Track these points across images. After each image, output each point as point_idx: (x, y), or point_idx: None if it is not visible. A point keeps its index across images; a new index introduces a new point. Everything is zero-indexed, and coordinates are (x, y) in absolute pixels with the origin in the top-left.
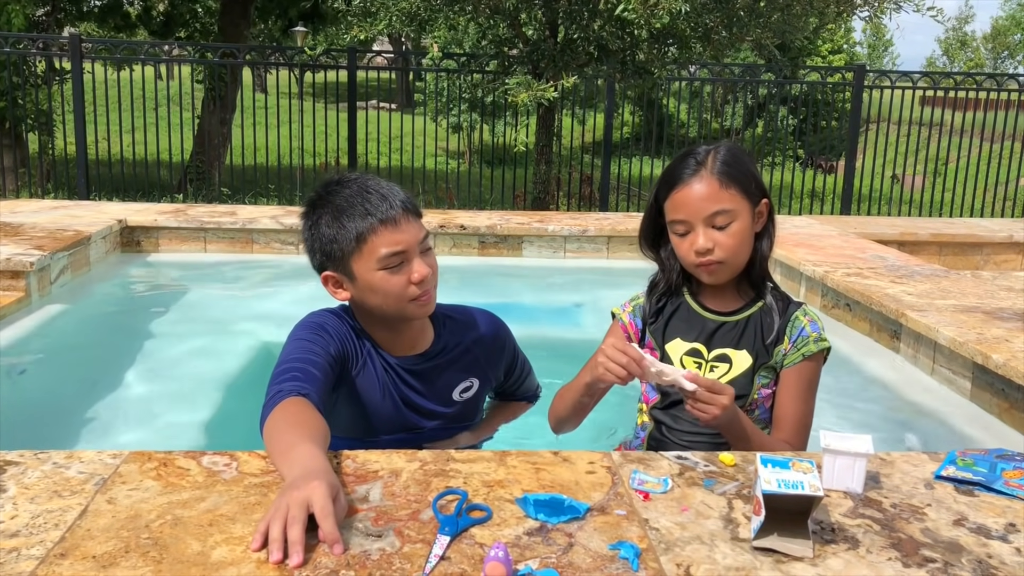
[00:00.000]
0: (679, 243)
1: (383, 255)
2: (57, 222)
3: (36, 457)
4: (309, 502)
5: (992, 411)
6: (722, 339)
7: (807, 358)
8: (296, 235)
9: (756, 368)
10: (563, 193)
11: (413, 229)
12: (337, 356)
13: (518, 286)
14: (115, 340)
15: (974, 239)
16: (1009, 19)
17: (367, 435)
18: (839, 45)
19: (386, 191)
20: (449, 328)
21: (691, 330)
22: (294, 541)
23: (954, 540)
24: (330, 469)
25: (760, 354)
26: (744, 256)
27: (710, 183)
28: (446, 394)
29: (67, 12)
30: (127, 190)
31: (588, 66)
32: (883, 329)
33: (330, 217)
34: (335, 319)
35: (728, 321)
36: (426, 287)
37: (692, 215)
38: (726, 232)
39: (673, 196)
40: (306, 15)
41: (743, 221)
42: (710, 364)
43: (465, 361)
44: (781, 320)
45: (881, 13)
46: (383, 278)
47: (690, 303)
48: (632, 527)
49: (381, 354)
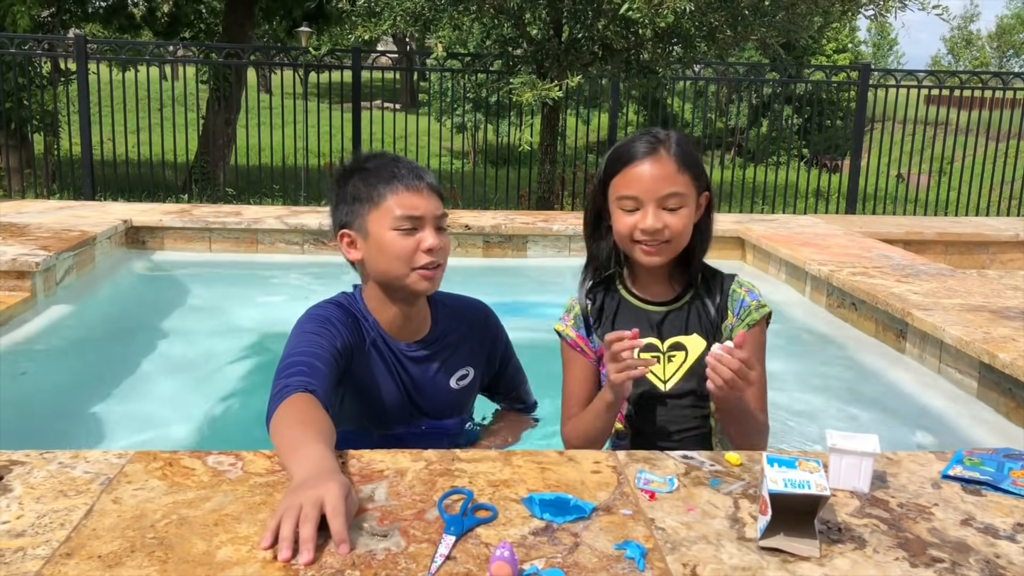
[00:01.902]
0: (622, 218)
1: (398, 215)
2: (62, 222)
3: (42, 457)
4: (322, 501)
5: (999, 410)
6: (671, 328)
7: (752, 326)
8: (301, 234)
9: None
10: (568, 193)
11: (434, 202)
12: (343, 349)
13: (523, 286)
14: (120, 340)
15: (980, 238)
16: (1015, 17)
17: (375, 424)
18: (844, 44)
19: (415, 166)
20: (444, 313)
21: (638, 325)
22: (306, 539)
23: (961, 540)
24: (339, 469)
25: (710, 334)
26: (685, 242)
27: (667, 164)
28: (444, 382)
29: (72, 13)
30: (132, 190)
31: (592, 65)
32: (889, 328)
33: (358, 177)
34: (340, 310)
35: (671, 309)
36: (434, 259)
37: (644, 193)
38: (676, 215)
39: (626, 171)
40: (310, 15)
41: (690, 207)
42: (667, 355)
43: (462, 350)
44: (720, 297)
45: (886, 11)
46: (393, 238)
47: (627, 298)
48: (638, 527)
49: (386, 340)
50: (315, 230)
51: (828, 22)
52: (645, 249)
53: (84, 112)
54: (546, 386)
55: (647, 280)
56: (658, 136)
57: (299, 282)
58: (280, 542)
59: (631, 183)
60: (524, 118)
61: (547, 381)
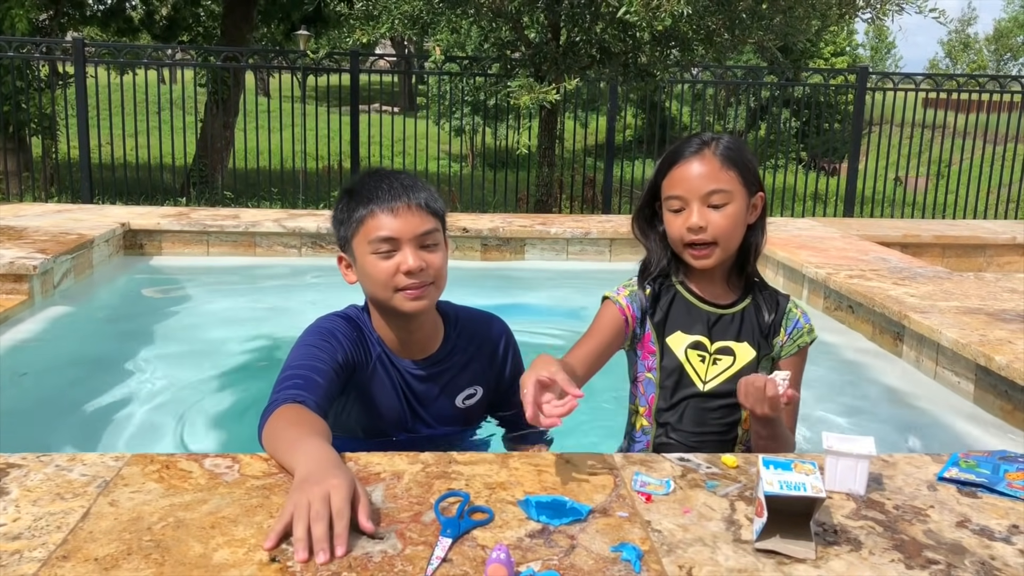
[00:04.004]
0: (672, 220)
1: (373, 239)
2: (60, 225)
3: (39, 460)
4: (330, 497)
5: (995, 413)
6: (722, 332)
7: (801, 349)
8: (299, 238)
9: (759, 360)
10: (566, 196)
11: (413, 221)
12: (345, 363)
13: (521, 289)
14: (118, 343)
15: (977, 241)
16: (1012, 21)
17: (375, 434)
18: (842, 47)
19: (401, 183)
20: (459, 331)
21: (692, 322)
22: (320, 538)
23: (957, 542)
24: (341, 461)
25: (762, 346)
26: (735, 242)
27: (711, 162)
28: (449, 401)
29: (70, 16)
30: (130, 193)
31: (590, 68)
32: (886, 331)
33: (345, 201)
34: (346, 323)
35: (726, 314)
36: (416, 280)
37: (689, 191)
38: (721, 212)
39: (672, 173)
40: (309, 19)
41: (738, 205)
42: (713, 357)
43: (471, 369)
44: (776, 313)
45: (883, 15)
46: (372, 262)
47: (684, 294)
48: (634, 529)
49: (390, 357)
50: (313, 233)
51: (825, 25)
52: (694, 252)
53: (82, 115)
54: None
55: (703, 280)
56: (705, 138)
57: (296, 285)
58: (296, 543)
59: (676, 183)
60: (522, 121)
61: None
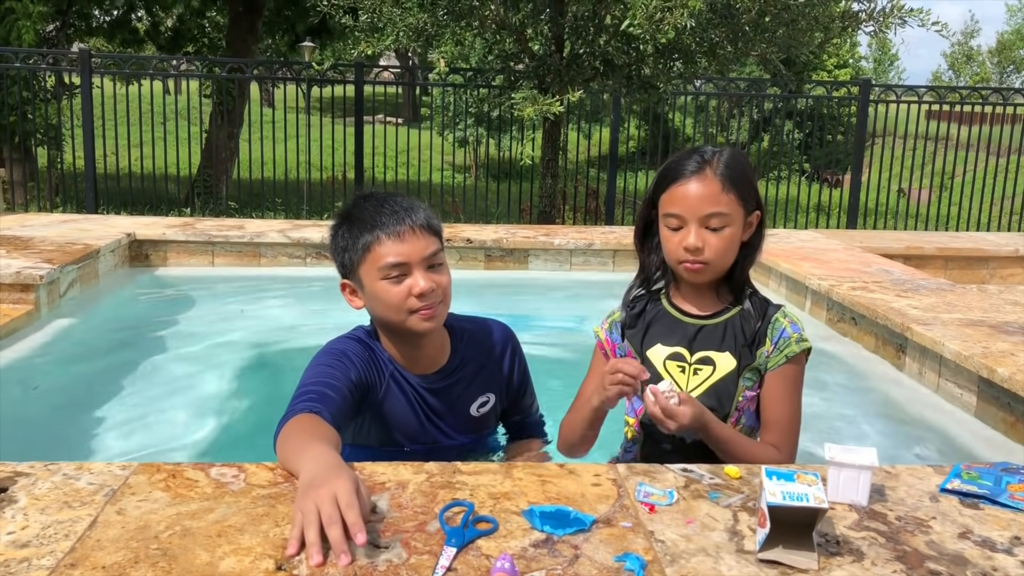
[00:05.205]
0: (669, 237)
1: (383, 265)
2: (66, 235)
3: (46, 468)
4: (336, 497)
5: (997, 425)
6: (704, 342)
7: (790, 359)
8: (303, 248)
9: (740, 370)
10: (569, 207)
11: (420, 244)
12: (359, 382)
13: (524, 299)
14: (124, 353)
15: (980, 253)
16: (1015, 33)
17: (395, 446)
18: (845, 59)
19: (400, 206)
20: (466, 342)
21: (672, 334)
22: (337, 541)
23: (959, 553)
24: (344, 464)
25: (744, 355)
26: (728, 261)
27: (712, 184)
28: (464, 411)
29: (76, 28)
30: (135, 204)
31: (594, 80)
32: (888, 343)
33: (345, 228)
34: (357, 345)
35: (708, 324)
36: (428, 301)
37: (688, 212)
38: (718, 235)
39: (672, 189)
40: (313, 30)
41: (735, 227)
42: (693, 367)
43: (482, 377)
44: (762, 322)
45: (886, 28)
46: (384, 288)
47: (668, 309)
48: (638, 539)
49: (403, 374)
50: (317, 243)
51: (828, 38)
52: (688, 267)
53: (88, 126)
54: (549, 393)
55: (692, 293)
56: (706, 155)
57: (301, 295)
58: (308, 548)
59: (676, 201)
60: (526, 132)
61: (551, 392)
